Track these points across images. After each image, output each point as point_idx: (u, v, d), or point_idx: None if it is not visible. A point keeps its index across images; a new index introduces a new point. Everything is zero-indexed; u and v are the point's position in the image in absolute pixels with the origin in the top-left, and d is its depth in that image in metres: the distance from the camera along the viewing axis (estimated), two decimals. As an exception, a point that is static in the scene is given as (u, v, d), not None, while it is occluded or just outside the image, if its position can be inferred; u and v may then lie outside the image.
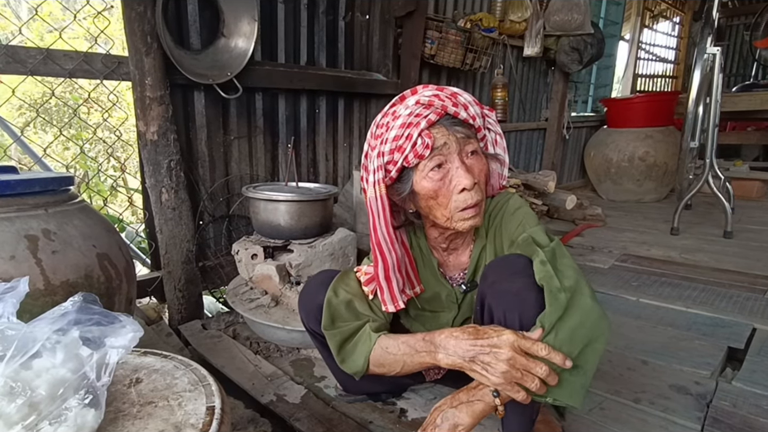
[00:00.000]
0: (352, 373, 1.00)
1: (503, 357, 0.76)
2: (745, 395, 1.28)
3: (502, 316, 0.84)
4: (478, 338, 0.80)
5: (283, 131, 2.13)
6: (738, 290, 2.01)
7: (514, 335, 0.77)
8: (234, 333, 1.66)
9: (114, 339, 0.64)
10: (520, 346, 0.76)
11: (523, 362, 0.76)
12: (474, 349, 0.79)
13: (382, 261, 0.95)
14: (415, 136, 0.86)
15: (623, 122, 4.20)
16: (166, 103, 1.58)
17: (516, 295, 0.83)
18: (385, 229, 0.93)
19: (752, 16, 5.89)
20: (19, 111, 3.34)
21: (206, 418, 0.66)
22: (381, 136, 0.90)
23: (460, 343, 0.81)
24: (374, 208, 0.92)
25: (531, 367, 0.76)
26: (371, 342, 0.96)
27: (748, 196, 4.13)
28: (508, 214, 1.00)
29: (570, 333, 0.77)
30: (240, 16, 1.80)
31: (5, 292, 0.67)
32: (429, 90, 0.90)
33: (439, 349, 0.84)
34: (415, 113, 0.87)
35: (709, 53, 2.88)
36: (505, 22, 3.24)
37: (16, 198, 1.00)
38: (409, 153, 0.87)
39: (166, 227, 1.66)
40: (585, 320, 0.78)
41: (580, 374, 0.78)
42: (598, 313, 0.80)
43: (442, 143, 0.87)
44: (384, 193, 0.91)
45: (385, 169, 0.90)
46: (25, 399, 0.56)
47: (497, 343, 0.77)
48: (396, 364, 0.92)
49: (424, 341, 0.88)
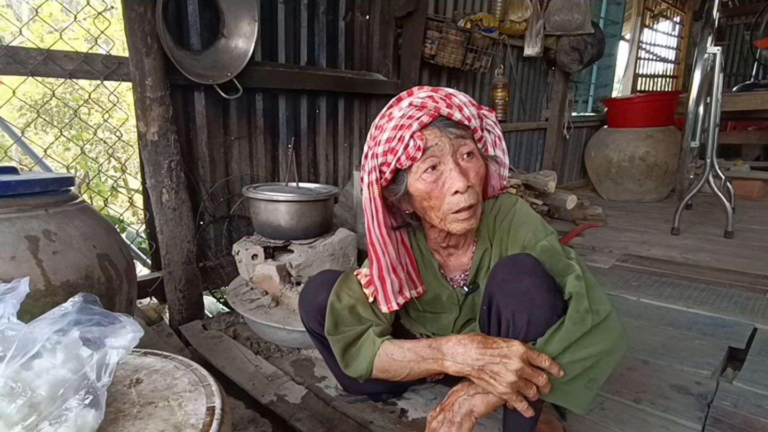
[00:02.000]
0: (356, 377, 1.00)
1: (513, 368, 0.77)
2: (746, 395, 1.27)
3: (511, 316, 0.84)
4: (487, 347, 0.80)
5: (284, 131, 2.13)
6: (739, 290, 2.01)
7: (524, 347, 0.79)
8: (234, 333, 1.67)
9: (114, 339, 0.64)
10: (528, 358, 0.78)
11: (529, 372, 0.78)
12: (484, 358, 0.80)
13: (377, 262, 0.96)
14: (407, 138, 0.86)
15: (624, 122, 4.20)
16: (166, 103, 1.58)
17: (525, 294, 0.82)
18: (378, 231, 0.93)
19: (752, 16, 5.89)
20: (19, 112, 3.34)
21: (206, 419, 0.66)
22: (376, 137, 0.91)
23: (469, 351, 0.81)
24: (368, 209, 0.93)
25: (534, 377, 0.78)
26: (375, 347, 0.96)
27: (748, 196, 4.13)
28: (518, 219, 1.00)
29: (589, 353, 0.80)
30: (240, 17, 1.81)
31: (6, 292, 0.67)
32: (423, 91, 0.90)
33: (446, 356, 0.85)
34: (408, 115, 0.87)
35: (709, 53, 2.88)
36: (506, 22, 3.24)
37: (16, 198, 1.00)
38: (402, 155, 0.87)
39: (166, 228, 1.66)
40: (610, 346, 0.82)
41: (593, 387, 0.82)
42: (620, 332, 0.85)
43: (434, 144, 0.87)
44: (378, 194, 0.91)
45: (379, 170, 0.90)
46: (25, 399, 0.56)
47: (507, 353, 0.78)
48: (401, 371, 0.93)
49: (431, 348, 0.88)
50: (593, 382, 0.82)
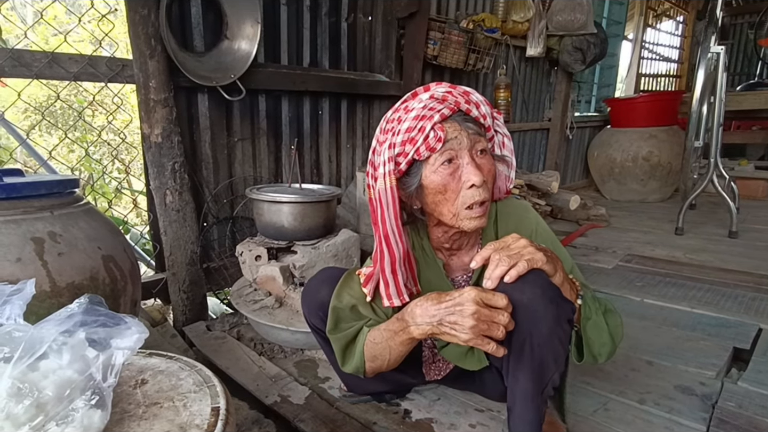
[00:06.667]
0: (354, 372, 1.01)
1: (468, 312, 0.78)
2: (750, 396, 1.27)
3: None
4: (441, 302, 0.82)
5: (287, 133, 2.14)
6: (743, 290, 2.00)
7: (475, 290, 0.79)
8: (238, 334, 1.67)
9: (120, 340, 0.65)
10: (482, 299, 0.78)
11: (487, 313, 0.78)
12: (439, 312, 0.81)
13: (389, 254, 0.94)
14: (428, 129, 0.86)
15: (627, 122, 4.19)
16: (170, 105, 1.59)
17: (526, 305, 0.81)
18: (394, 221, 0.92)
19: (756, 15, 5.87)
20: (24, 114, 3.36)
21: (211, 419, 0.66)
22: (393, 129, 0.90)
23: (426, 309, 0.84)
24: (383, 200, 0.91)
25: (494, 317, 0.78)
26: (364, 338, 0.98)
27: (753, 196, 4.11)
28: (528, 229, 1.02)
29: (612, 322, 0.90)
30: (243, 19, 1.81)
31: (12, 294, 0.68)
32: (442, 86, 0.91)
33: (409, 323, 0.87)
34: (429, 107, 0.87)
35: (713, 52, 2.87)
36: (508, 23, 3.24)
37: (22, 201, 1.01)
38: (421, 145, 0.87)
39: (170, 229, 1.67)
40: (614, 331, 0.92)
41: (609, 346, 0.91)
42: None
43: (453, 137, 0.88)
44: (395, 184, 0.91)
45: (395, 161, 0.90)
46: (32, 400, 0.57)
47: (460, 300, 0.79)
48: (384, 353, 0.95)
49: (397, 320, 0.91)
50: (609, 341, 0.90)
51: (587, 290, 0.93)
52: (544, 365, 0.83)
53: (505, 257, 0.79)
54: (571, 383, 1.27)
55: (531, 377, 0.83)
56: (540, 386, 0.84)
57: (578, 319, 0.89)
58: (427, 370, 1.19)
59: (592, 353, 0.92)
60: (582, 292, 0.89)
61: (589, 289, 0.94)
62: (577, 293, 0.88)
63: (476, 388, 1.23)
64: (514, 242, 0.82)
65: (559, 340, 0.82)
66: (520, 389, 0.84)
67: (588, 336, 0.90)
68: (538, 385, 0.84)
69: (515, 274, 0.77)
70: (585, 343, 0.91)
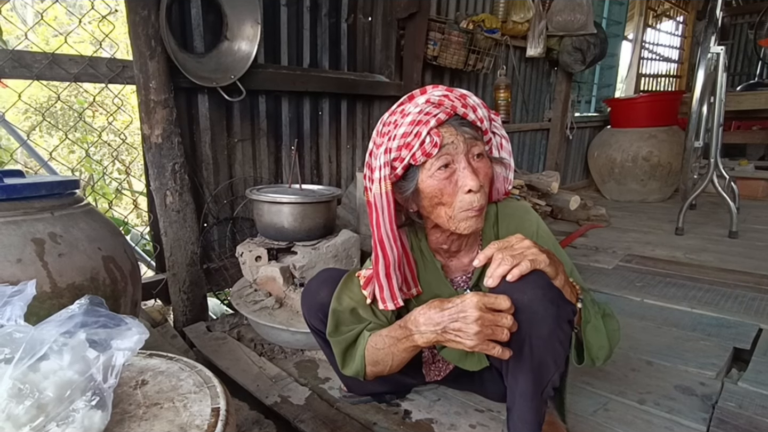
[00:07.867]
0: (354, 375, 1.01)
1: (472, 318, 0.77)
2: (751, 396, 1.27)
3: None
4: (444, 309, 0.81)
5: (287, 133, 2.14)
6: (743, 290, 2.00)
7: (477, 295, 0.79)
8: (238, 335, 1.67)
9: (120, 341, 0.65)
10: (485, 304, 0.78)
11: (491, 318, 0.78)
12: (443, 320, 0.81)
13: (384, 258, 0.95)
14: (424, 134, 0.86)
15: (627, 122, 4.19)
16: (170, 106, 1.59)
17: (527, 306, 0.81)
18: (389, 226, 0.93)
19: (756, 15, 5.87)
20: (25, 115, 3.37)
21: (211, 420, 0.66)
22: (389, 133, 0.90)
23: (429, 318, 0.83)
24: (378, 204, 0.92)
25: (497, 320, 0.78)
26: (365, 342, 0.98)
27: (753, 196, 4.11)
28: (529, 230, 1.01)
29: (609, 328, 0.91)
30: (243, 20, 1.81)
31: (13, 295, 0.68)
32: (439, 90, 0.90)
33: (413, 331, 0.86)
34: (425, 111, 0.87)
35: (713, 52, 2.87)
36: (508, 23, 3.24)
37: (22, 201, 1.01)
38: (417, 150, 0.87)
39: (170, 230, 1.67)
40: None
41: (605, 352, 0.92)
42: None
43: (449, 142, 0.87)
44: (390, 189, 0.91)
45: (391, 166, 0.90)
46: (33, 401, 0.57)
47: (463, 307, 0.79)
48: (387, 359, 0.94)
49: (401, 328, 0.90)
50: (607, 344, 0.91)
51: (587, 294, 0.93)
52: (544, 366, 0.83)
53: (509, 256, 0.78)
54: (571, 383, 1.27)
55: (531, 378, 0.83)
56: (540, 387, 0.84)
57: (578, 322, 0.89)
58: (427, 370, 1.19)
59: (591, 356, 0.92)
60: (582, 295, 0.89)
61: (588, 293, 0.94)
62: (577, 296, 0.88)
63: (476, 389, 1.23)
64: (518, 242, 0.81)
65: (559, 341, 0.82)
66: (519, 390, 0.85)
67: (587, 339, 0.90)
68: (538, 386, 0.84)
69: (518, 273, 0.77)
70: (585, 346, 0.91)
